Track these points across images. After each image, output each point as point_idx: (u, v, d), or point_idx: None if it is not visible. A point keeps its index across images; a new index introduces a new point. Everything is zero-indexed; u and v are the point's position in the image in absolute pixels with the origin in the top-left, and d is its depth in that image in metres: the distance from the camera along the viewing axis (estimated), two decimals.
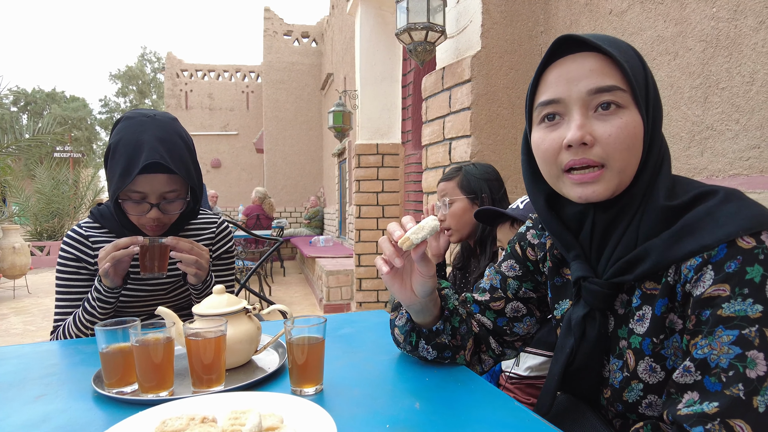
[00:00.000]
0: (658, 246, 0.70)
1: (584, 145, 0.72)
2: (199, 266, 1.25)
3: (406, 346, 0.96)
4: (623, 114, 0.71)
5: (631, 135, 0.71)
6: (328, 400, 0.80)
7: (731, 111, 1.45)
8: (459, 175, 1.71)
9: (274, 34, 11.43)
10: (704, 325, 0.64)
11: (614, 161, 0.71)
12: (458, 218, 1.68)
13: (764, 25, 1.35)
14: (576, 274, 0.79)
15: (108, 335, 0.85)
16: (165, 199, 1.26)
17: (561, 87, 0.74)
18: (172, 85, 13.40)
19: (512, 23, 2.34)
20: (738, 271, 0.63)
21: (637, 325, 0.74)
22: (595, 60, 0.72)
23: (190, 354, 0.85)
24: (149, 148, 1.18)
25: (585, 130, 0.72)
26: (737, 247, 0.64)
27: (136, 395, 0.83)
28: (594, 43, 0.72)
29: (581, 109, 0.73)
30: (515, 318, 0.99)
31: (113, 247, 1.18)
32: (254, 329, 0.97)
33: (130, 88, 35.49)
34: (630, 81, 0.71)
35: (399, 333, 0.96)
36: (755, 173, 1.39)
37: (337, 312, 5.30)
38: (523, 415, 0.73)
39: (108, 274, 1.19)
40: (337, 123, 5.64)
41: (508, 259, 1.00)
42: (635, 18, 1.83)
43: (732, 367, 0.60)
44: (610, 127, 0.71)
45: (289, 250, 10.49)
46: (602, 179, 0.73)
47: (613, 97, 0.71)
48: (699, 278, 0.66)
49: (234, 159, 13.50)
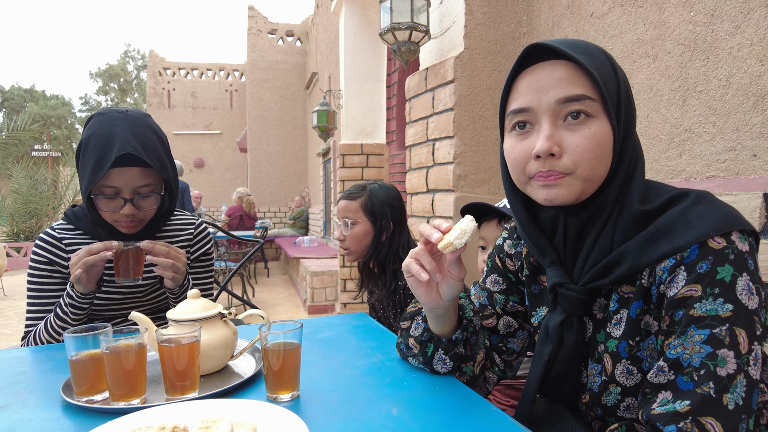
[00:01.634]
0: (632, 249, 0.70)
1: (552, 155, 0.72)
2: (176, 270, 1.23)
3: (418, 356, 0.92)
4: (592, 123, 0.71)
5: (599, 145, 0.71)
6: (304, 407, 0.78)
7: (708, 114, 1.47)
8: (364, 195, 1.67)
9: (258, 32, 11.33)
10: (677, 326, 0.65)
11: (581, 170, 0.71)
12: (358, 241, 1.64)
13: (739, 29, 1.37)
14: (552, 281, 0.79)
15: (77, 342, 0.83)
16: (139, 194, 1.23)
17: (531, 96, 0.74)
18: (155, 83, 13.21)
19: (495, 24, 2.35)
20: (709, 271, 0.64)
21: (614, 329, 0.75)
22: (564, 68, 0.72)
23: (162, 360, 0.83)
24: (122, 140, 1.16)
25: (553, 141, 0.71)
26: (708, 248, 0.64)
27: (107, 403, 0.81)
28: (563, 51, 0.71)
29: (550, 118, 0.72)
30: (508, 334, 0.97)
31: (86, 253, 1.14)
32: (230, 334, 0.96)
33: (111, 87, 34.91)
34: (600, 89, 0.70)
35: (414, 343, 0.92)
36: (731, 175, 1.41)
37: (322, 313, 5.27)
38: (500, 419, 0.72)
39: (80, 280, 1.15)
40: (321, 123, 5.61)
41: (491, 274, 0.99)
42: (616, 21, 1.84)
43: (703, 365, 0.61)
44: (578, 137, 0.71)
45: (273, 251, 10.41)
46: (563, 183, 0.72)
47: (581, 106, 0.71)
48: (673, 279, 0.67)
49: (217, 158, 13.36)
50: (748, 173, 1.36)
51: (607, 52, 0.76)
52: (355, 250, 1.65)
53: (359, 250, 1.65)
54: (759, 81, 1.32)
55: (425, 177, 2.57)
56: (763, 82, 1.31)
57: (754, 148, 1.34)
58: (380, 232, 1.63)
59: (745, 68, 1.35)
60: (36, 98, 33.67)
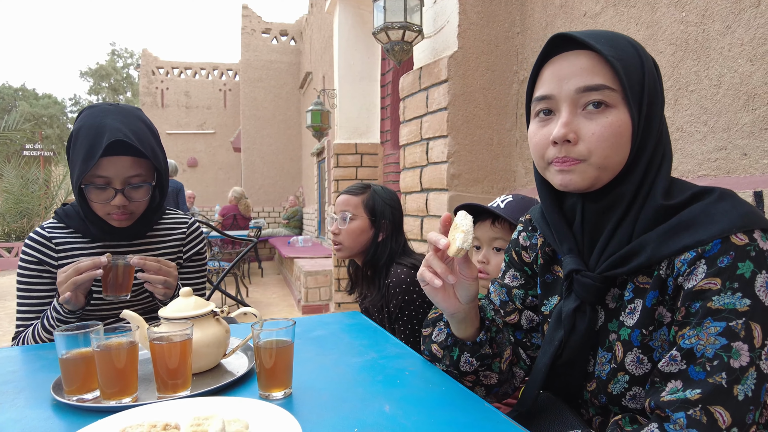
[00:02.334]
0: (652, 241, 0.71)
1: (568, 142, 0.74)
2: (168, 285, 1.20)
3: (444, 361, 0.93)
4: (610, 113, 0.72)
5: (616, 134, 0.72)
6: (297, 404, 0.78)
7: (700, 113, 1.48)
8: (366, 193, 1.66)
9: (252, 31, 11.29)
10: (693, 317, 0.66)
11: (595, 157, 0.73)
12: (354, 236, 1.62)
13: (730, 29, 1.38)
14: (568, 267, 0.80)
15: (68, 341, 0.82)
16: (130, 185, 1.22)
17: (553, 84, 0.76)
18: (148, 82, 13.13)
19: (489, 24, 2.36)
20: (730, 266, 0.65)
21: (628, 318, 0.76)
22: (587, 58, 0.74)
23: (154, 358, 0.82)
24: (112, 129, 1.15)
25: (570, 128, 0.74)
26: (731, 243, 0.66)
27: (98, 402, 0.81)
28: (586, 42, 0.73)
29: (570, 106, 0.74)
30: (531, 329, 0.98)
31: (74, 272, 1.11)
32: (222, 332, 0.95)
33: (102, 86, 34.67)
34: (621, 79, 0.71)
35: (438, 348, 0.93)
36: (722, 174, 1.42)
37: (316, 313, 5.27)
38: (493, 416, 0.72)
39: (69, 299, 1.12)
40: (315, 122, 5.60)
41: (508, 270, 1.00)
42: (608, 21, 1.85)
43: (717, 356, 0.62)
44: (595, 125, 0.73)
45: (267, 251, 10.37)
46: (578, 170, 0.74)
47: (601, 96, 0.72)
48: (692, 272, 0.67)
49: (211, 158, 13.30)
50: (738, 172, 1.37)
51: (636, 42, 0.77)
52: (348, 245, 1.63)
53: (352, 246, 1.63)
54: (749, 81, 1.33)
55: (419, 176, 2.57)
56: (753, 82, 1.32)
57: (745, 147, 1.35)
58: (378, 232, 1.63)
59: (736, 68, 1.36)
60: (27, 97, 33.39)
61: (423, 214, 2.54)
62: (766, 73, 1.29)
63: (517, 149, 2.42)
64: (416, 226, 2.61)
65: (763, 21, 1.29)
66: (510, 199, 1.43)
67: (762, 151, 1.31)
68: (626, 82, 0.71)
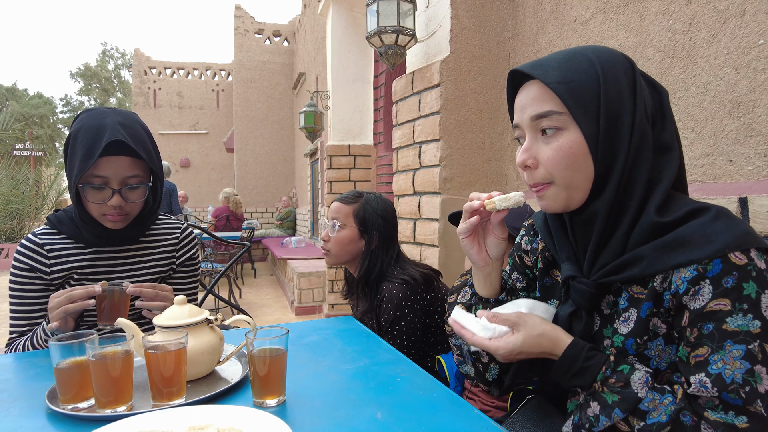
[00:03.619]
0: (648, 255, 0.73)
1: (529, 167, 0.80)
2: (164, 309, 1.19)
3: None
4: (561, 136, 0.76)
5: (569, 154, 0.76)
6: (291, 412, 0.79)
7: (687, 120, 1.51)
8: (358, 202, 1.65)
9: (245, 32, 11.26)
10: (707, 338, 0.68)
11: (558, 179, 0.77)
12: (341, 246, 1.62)
13: (716, 38, 1.40)
14: (565, 274, 0.83)
15: (63, 350, 0.83)
16: (127, 185, 1.23)
17: (517, 114, 0.82)
18: (140, 82, 13.06)
19: (481, 29, 2.38)
20: (736, 286, 0.66)
21: (622, 326, 0.78)
22: (537, 87, 0.78)
23: (149, 367, 0.83)
24: (112, 129, 1.18)
25: (529, 154, 0.79)
26: (731, 263, 0.67)
27: (93, 411, 0.81)
28: (530, 74, 0.78)
29: (530, 133, 0.80)
30: None
31: (66, 300, 1.09)
32: (216, 340, 0.96)
33: (93, 86, 34.39)
34: (566, 103, 0.74)
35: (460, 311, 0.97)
36: (709, 180, 1.44)
37: (309, 314, 5.27)
38: (482, 422, 0.74)
39: (59, 327, 1.10)
40: (308, 123, 5.60)
41: (513, 271, 1.04)
42: (598, 27, 1.88)
43: (746, 382, 0.65)
44: (549, 149, 0.77)
45: (261, 252, 10.36)
46: (548, 194, 0.79)
47: (550, 121, 0.77)
48: (697, 292, 0.69)
49: (204, 158, 13.25)
50: (724, 178, 1.40)
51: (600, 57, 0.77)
52: (335, 253, 1.63)
53: (339, 254, 1.63)
54: (735, 88, 1.35)
55: (412, 179, 2.58)
56: (738, 90, 1.35)
57: (730, 153, 1.38)
58: (368, 243, 1.62)
59: (722, 76, 1.39)
60: (17, 97, 33.07)
61: (416, 217, 2.55)
62: (750, 82, 1.32)
63: (509, 153, 2.45)
64: (409, 229, 2.62)
65: (747, 30, 1.32)
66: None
67: (747, 158, 1.34)
68: (572, 104, 0.74)
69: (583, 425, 0.75)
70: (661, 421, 0.67)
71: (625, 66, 0.77)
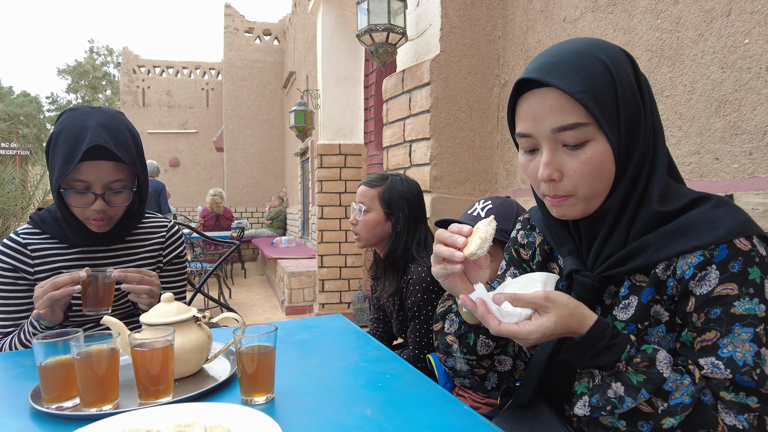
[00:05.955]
0: (652, 243, 0.74)
1: (553, 180, 0.76)
2: (152, 295, 1.17)
3: (462, 349, 0.92)
4: (589, 147, 0.73)
5: (597, 166, 0.73)
6: (279, 409, 0.79)
7: (674, 118, 1.52)
8: (383, 185, 1.67)
9: (234, 31, 11.19)
10: (714, 323, 0.69)
11: (581, 191, 0.75)
12: (369, 228, 1.64)
13: (703, 37, 1.42)
14: (568, 268, 0.82)
15: (47, 348, 0.81)
16: (110, 190, 1.20)
17: (529, 123, 0.76)
18: (129, 81, 12.93)
19: (471, 27, 2.38)
20: (742, 271, 0.68)
21: (621, 312, 0.78)
22: (555, 96, 0.73)
23: (136, 365, 0.82)
24: (93, 132, 1.14)
25: (552, 167, 0.75)
26: (737, 249, 0.68)
27: (77, 410, 0.80)
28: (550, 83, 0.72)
29: (549, 144, 0.75)
30: None
31: (51, 286, 1.07)
32: (204, 338, 0.95)
33: (80, 84, 33.97)
34: (593, 114, 0.71)
35: (453, 339, 0.93)
36: (695, 178, 1.46)
37: (300, 314, 5.25)
38: (471, 418, 0.74)
39: (44, 316, 1.09)
40: (298, 122, 5.58)
41: (509, 268, 1.02)
42: (587, 26, 1.89)
43: (756, 365, 0.67)
44: (576, 162, 0.74)
45: (251, 251, 10.30)
46: (567, 204, 0.77)
47: (576, 133, 0.72)
48: (704, 277, 0.70)
49: (193, 158, 13.15)
50: (711, 176, 1.41)
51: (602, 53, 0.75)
52: (364, 236, 1.65)
53: (368, 237, 1.65)
54: (721, 87, 1.37)
55: None
56: (724, 89, 1.36)
57: (717, 151, 1.39)
58: (395, 224, 1.63)
59: (708, 75, 1.41)
60: (2, 95, 32.59)
61: None
62: (736, 81, 1.33)
63: (499, 152, 2.45)
64: None
65: (733, 30, 1.33)
66: (490, 205, 1.44)
67: (732, 156, 1.35)
68: (598, 113, 0.71)
69: (603, 407, 0.71)
70: (684, 402, 0.67)
71: (626, 61, 0.76)
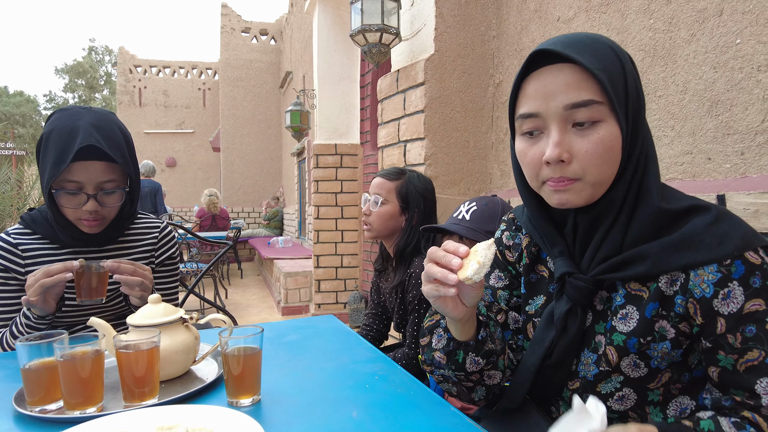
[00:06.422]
0: (653, 252, 0.72)
1: (562, 162, 0.72)
2: (144, 288, 1.17)
3: (450, 366, 0.88)
4: (600, 128, 0.71)
5: (608, 149, 0.71)
6: (265, 411, 0.78)
7: (667, 118, 1.52)
8: (401, 180, 1.68)
9: (231, 30, 11.17)
10: (753, 341, 0.67)
11: (590, 175, 0.72)
12: (383, 220, 1.64)
13: (695, 37, 1.41)
14: (561, 270, 0.80)
15: (31, 351, 0.80)
16: (102, 190, 1.20)
17: (539, 101, 0.73)
18: (125, 81, 12.89)
19: (465, 27, 2.38)
20: (763, 285, 0.67)
21: (620, 323, 0.76)
22: (570, 72, 0.71)
23: (120, 367, 0.81)
24: (85, 132, 1.13)
25: (562, 148, 0.72)
26: (751, 263, 0.67)
27: (61, 413, 0.79)
28: (568, 56, 0.70)
29: (559, 123, 0.72)
30: (518, 330, 0.97)
31: (43, 274, 1.07)
32: (192, 339, 0.95)
33: (78, 83, 33.85)
34: (607, 92, 0.69)
35: (441, 355, 0.89)
36: (688, 178, 1.46)
37: (296, 314, 5.24)
38: (458, 420, 0.73)
39: (35, 303, 1.08)
40: (294, 122, 5.57)
41: (493, 271, 0.99)
42: (581, 26, 1.89)
43: None
44: (587, 143, 0.71)
45: (247, 252, 10.28)
46: (574, 189, 0.74)
47: (590, 111, 0.70)
48: (728, 295, 0.68)
49: (190, 158, 13.12)
50: (703, 176, 1.41)
51: (613, 44, 0.75)
52: (376, 227, 1.65)
53: (380, 228, 1.65)
54: (713, 87, 1.37)
55: None
56: (716, 89, 1.36)
57: (709, 151, 1.39)
58: (409, 219, 1.63)
59: (701, 75, 1.40)
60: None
61: None
62: (728, 81, 1.33)
63: (493, 151, 2.45)
64: None
65: (725, 30, 1.33)
66: (474, 207, 1.44)
67: (724, 156, 1.35)
68: (613, 94, 0.69)
69: None
70: None
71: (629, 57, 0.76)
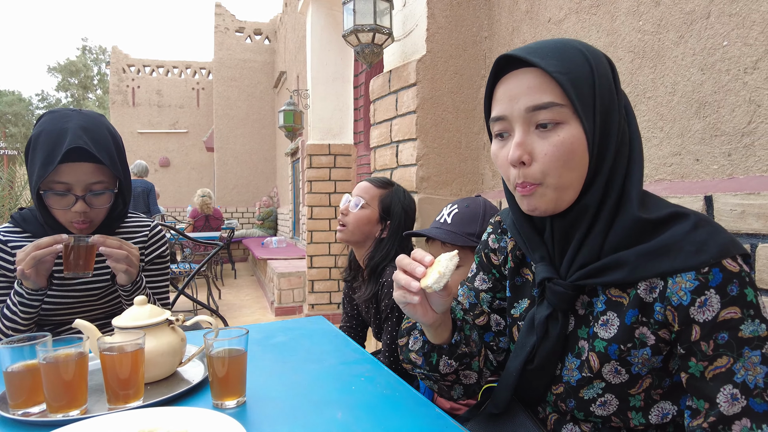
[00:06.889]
0: (631, 260, 0.71)
1: (523, 164, 0.73)
2: (130, 263, 1.19)
3: (425, 367, 0.91)
4: (562, 130, 0.71)
5: (569, 151, 0.71)
6: (250, 413, 0.78)
7: (656, 119, 1.53)
8: (387, 190, 1.67)
9: (225, 30, 11.14)
10: (724, 348, 0.67)
11: (550, 178, 0.72)
12: (360, 224, 1.62)
13: (683, 39, 1.42)
14: (541, 275, 0.80)
15: (13, 353, 0.80)
16: (91, 192, 1.20)
17: (505, 104, 0.75)
18: (118, 80, 12.82)
19: (457, 28, 2.38)
20: (740, 293, 0.66)
21: (602, 330, 0.76)
22: (533, 76, 0.72)
23: (105, 369, 0.81)
24: (73, 134, 1.14)
25: (523, 149, 0.73)
26: (729, 271, 0.67)
27: (44, 416, 0.79)
28: (529, 60, 0.71)
29: (522, 126, 0.73)
30: (499, 332, 0.98)
31: (33, 247, 1.10)
32: (178, 341, 0.94)
33: (71, 82, 33.64)
34: (569, 94, 0.70)
35: (416, 356, 0.91)
36: (677, 179, 1.46)
37: (289, 315, 5.23)
38: (442, 421, 0.73)
39: (28, 276, 1.11)
40: (287, 122, 5.56)
41: (478, 273, 1.00)
42: (572, 27, 1.89)
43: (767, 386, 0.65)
44: (547, 144, 0.72)
45: (241, 252, 10.25)
46: (537, 194, 0.74)
47: (550, 114, 0.71)
48: (705, 303, 0.67)
49: (183, 158, 13.07)
50: (691, 177, 1.42)
51: (587, 48, 0.75)
52: (351, 229, 1.63)
53: (354, 231, 1.62)
54: (701, 89, 1.37)
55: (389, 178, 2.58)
56: (704, 90, 1.37)
57: (697, 153, 1.40)
58: (386, 230, 1.62)
59: (689, 76, 1.41)
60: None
61: None
62: (715, 82, 1.34)
63: (485, 152, 2.45)
64: None
65: (712, 32, 1.34)
66: (456, 210, 1.44)
67: (712, 157, 1.36)
68: (575, 96, 0.70)
69: None
70: None
71: (605, 60, 0.76)
